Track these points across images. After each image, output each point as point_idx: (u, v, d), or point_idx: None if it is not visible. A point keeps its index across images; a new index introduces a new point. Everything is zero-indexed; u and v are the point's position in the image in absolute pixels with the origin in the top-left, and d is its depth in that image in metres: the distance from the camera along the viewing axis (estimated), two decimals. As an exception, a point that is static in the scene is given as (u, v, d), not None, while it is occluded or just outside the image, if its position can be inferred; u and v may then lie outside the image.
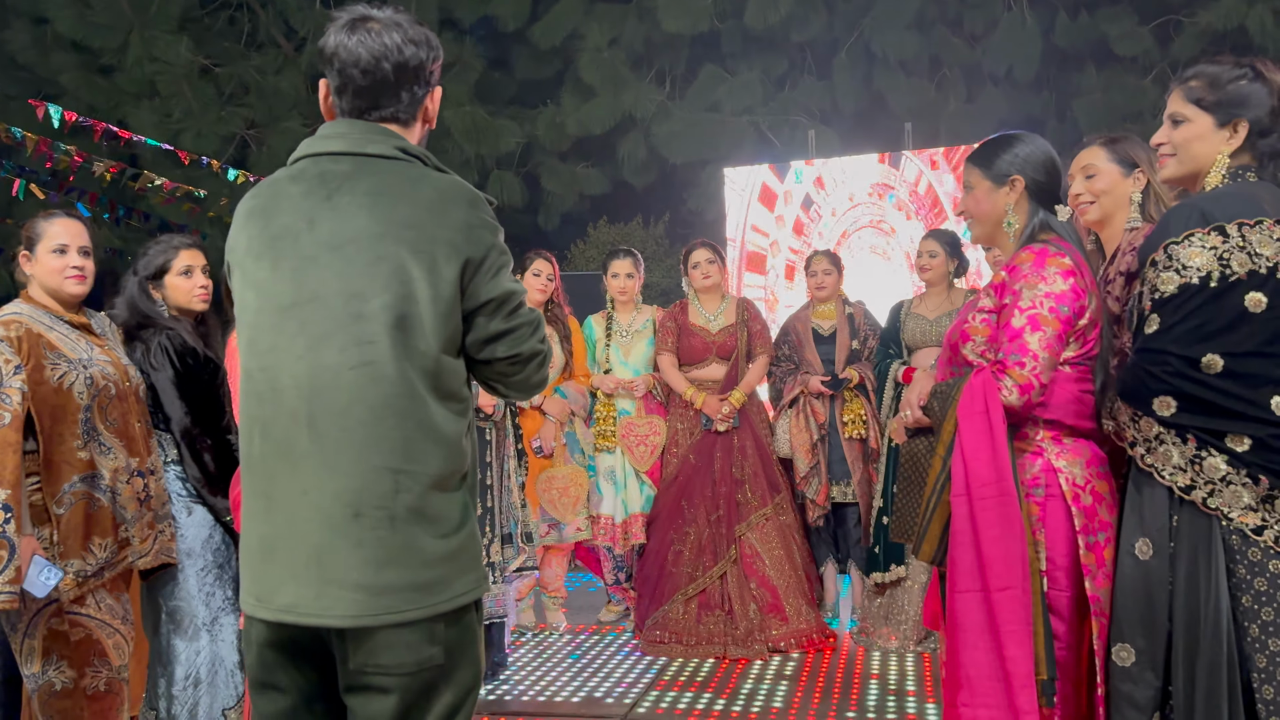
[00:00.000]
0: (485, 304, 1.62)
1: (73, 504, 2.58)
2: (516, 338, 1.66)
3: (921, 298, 4.36)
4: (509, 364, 1.67)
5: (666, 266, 8.83)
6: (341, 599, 1.54)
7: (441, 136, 8.60)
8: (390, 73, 1.65)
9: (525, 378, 1.71)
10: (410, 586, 1.55)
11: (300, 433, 1.56)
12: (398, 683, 1.57)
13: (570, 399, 4.55)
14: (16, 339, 2.56)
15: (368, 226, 1.58)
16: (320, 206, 1.61)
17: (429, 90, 1.73)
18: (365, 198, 1.60)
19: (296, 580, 1.56)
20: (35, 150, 5.40)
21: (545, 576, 4.69)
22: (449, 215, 1.60)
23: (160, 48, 7.88)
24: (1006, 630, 1.97)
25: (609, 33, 8.43)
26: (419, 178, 1.64)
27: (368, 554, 1.54)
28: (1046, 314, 2.04)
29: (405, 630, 1.55)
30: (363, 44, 1.63)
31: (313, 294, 1.58)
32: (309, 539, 1.55)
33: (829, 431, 4.44)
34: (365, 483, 1.54)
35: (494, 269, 1.63)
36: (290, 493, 1.57)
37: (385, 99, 1.67)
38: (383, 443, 1.55)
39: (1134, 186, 2.31)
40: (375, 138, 1.65)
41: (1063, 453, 2.10)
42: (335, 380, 1.55)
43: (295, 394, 1.57)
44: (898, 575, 4.20)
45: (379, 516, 1.54)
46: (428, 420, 1.57)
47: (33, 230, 2.70)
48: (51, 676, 2.57)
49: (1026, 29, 8.09)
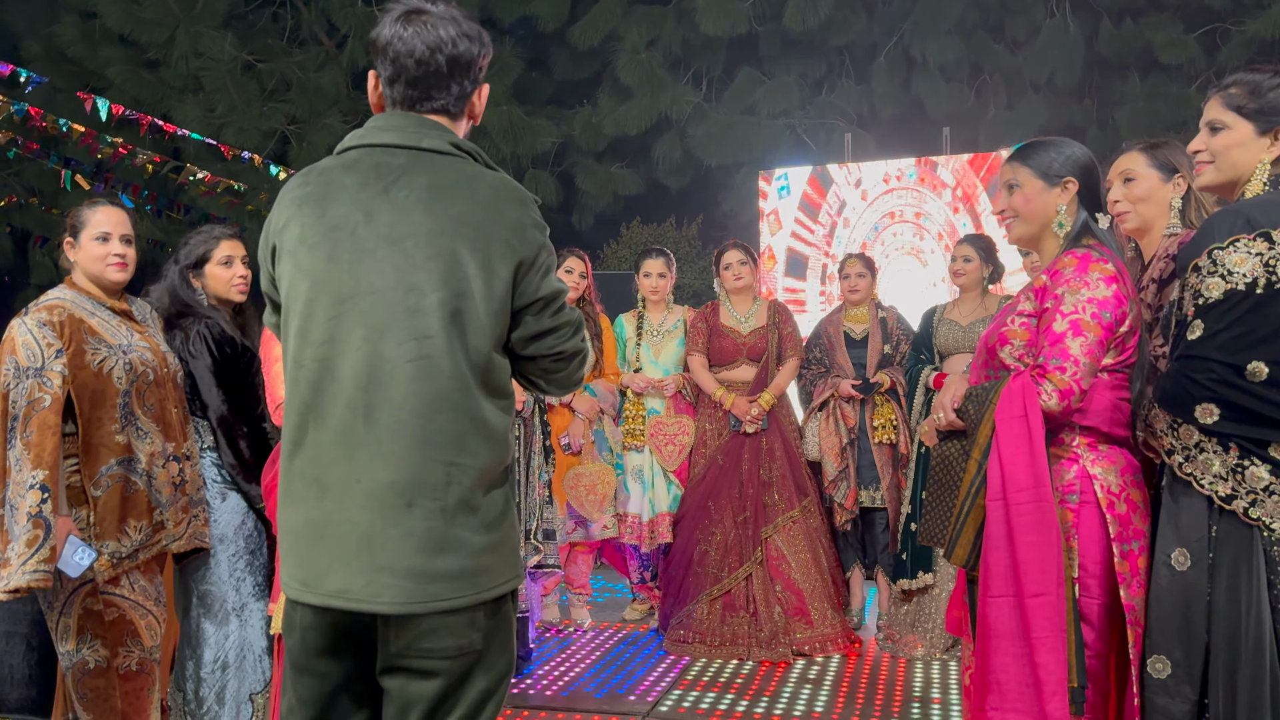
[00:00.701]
0: (534, 302, 1.66)
1: (109, 486, 2.62)
2: (561, 335, 1.70)
3: (955, 303, 4.32)
4: (553, 361, 1.71)
5: (699, 268, 8.82)
6: (391, 586, 1.56)
7: (478, 135, 8.64)
8: (444, 64, 1.67)
9: (568, 375, 1.75)
10: (458, 575, 1.58)
11: (357, 423, 1.58)
12: (437, 666, 1.60)
13: (600, 397, 4.56)
14: (59, 323, 2.61)
15: (425, 222, 1.60)
16: (378, 199, 1.62)
17: (477, 86, 1.75)
18: (423, 193, 1.62)
19: (347, 566, 1.58)
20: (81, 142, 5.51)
21: (571, 573, 4.70)
22: (504, 214, 1.63)
23: (205, 43, 7.99)
24: (1039, 636, 1.95)
25: (647, 34, 8.44)
26: (475, 175, 1.66)
27: (419, 543, 1.57)
28: (1089, 319, 2.02)
29: (450, 617, 1.59)
30: (418, 35, 1.65)
31: (371, 286, 1.60)
32: (361, 526, 1.58)
33: (859, 435, 4.41)
34: (419, 474, 1.57)
35: (544, 268, 1.67)
36: (344, 480, 1.59)
37: (437, 90, 1.68)
38: (437, 435, 1.57)
39: (1174, 192, 2.29)
40: (429, 132, 1.67)
41: (1098, 459, 2.07)
42: (392, 373, 1.58)
43: (353, 385, 1.59)
44: (925, 583, 4.16)
45: (431, 507, 1.57)
46: (478, 415, 1.60)
47: (77, 218, 2.76)
48: (85, 655, 2.61)
49: (1069, 36, 7.99)
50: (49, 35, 8.42)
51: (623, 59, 8.37)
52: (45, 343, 2.56)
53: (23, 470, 2.47)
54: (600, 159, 9.12)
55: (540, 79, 9.36)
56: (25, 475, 2.47)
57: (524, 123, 8.52)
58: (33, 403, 2.51)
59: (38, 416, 2.50)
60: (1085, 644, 2.02)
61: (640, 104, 8.36)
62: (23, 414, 2.50)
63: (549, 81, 9.42)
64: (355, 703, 1.69)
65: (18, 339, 2.57)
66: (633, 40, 8.35)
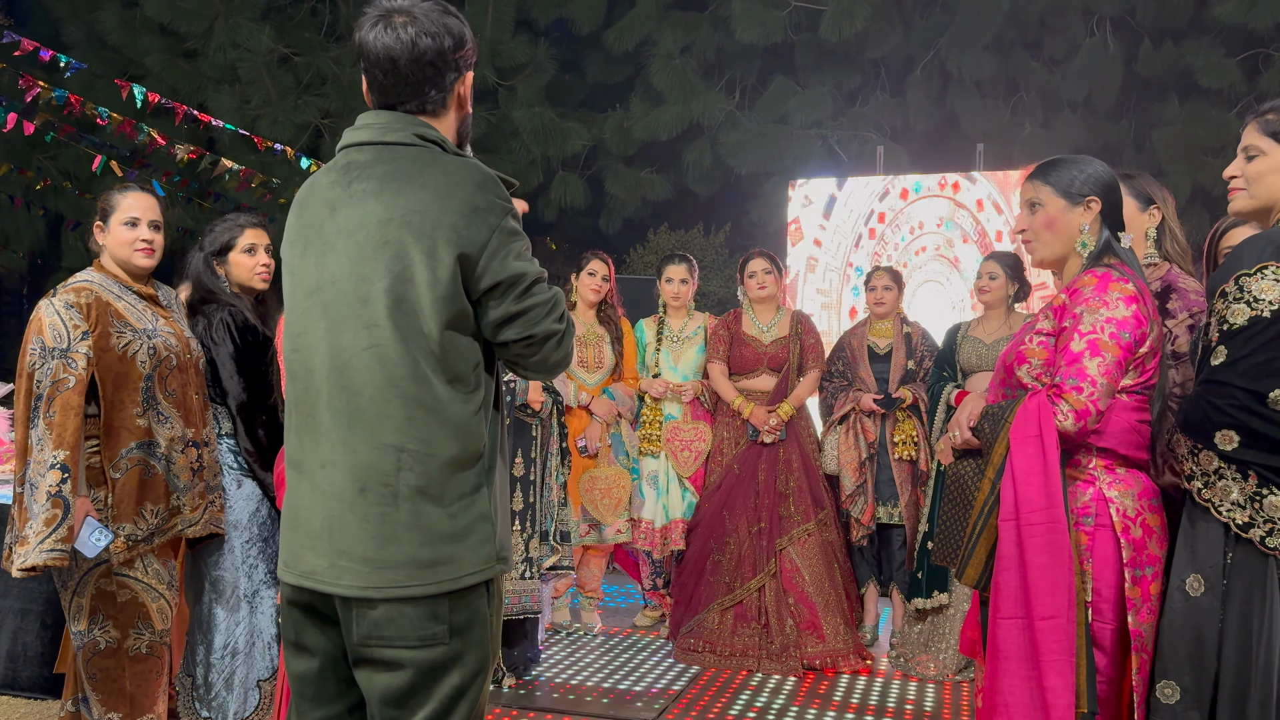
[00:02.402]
0: (493, 287, 1.64)
1: (128, 469, 2.65)
2: (529, 319, 1.67)
3: (979, 321, 4.28)
4: (524, 345, 1.69)
5: (725, 276, 8.81)
6: (349, 570, 1.61)
7: (510, 136, 8.69)
8: (407, 67, 1.68)
9: (542, 359, 1.71)
10: (413, 562, 1.60)
11: (323, 411, 1.65)
12: (400, 656, 1.61)
13: (618, 401, 4.56)
14: (86, 306, 2.64)
15: (376, 211, 1.64)
16: (341, 195, 1.68)
17: (458, 76, 1.75)
18: (376, 184, 1.65)
19: (314, 549, 1.65)
20: (118, 129, 5.58)
21: (583, 577, 4.70)
22: (453, 199, 1.63)
23: (243, 35, 8.08)
24: (1048, 660, 1.92)
25: (682, 40, 8.44)
26: (430, 162, 1.67)
27: (373, 528, 1.60)
28: (1107, 339, 1.99)
29: (408, 606, 1.60)
30: (380, 39, 1.67)
31: (331, 279, 1.66)
32: (325, 511, 1.64)
33: (878, 451, 4.36)
34: (372, 460, 1.61)
35: (499, 251, 1.64)
36: (313, 467, 1.66)
37: (407, 92, 1.71)
38: (388, 421, 1.61)
39: (1149, 222, 2.32)
40: (395, 125, 1.70)
41: (1115, 482, 2.05)
42: (350, 361, 1.63)
43: (320, 374, 1.66)
44: (940, 602, 4.12)
45: (383, 493, 1.60)
46: (431, 402, 1.61)
47: (107, 202, 2.79)
48: (97, 635, 2.64)
49: (1108, 56, 7.91)
50: (90, 22, 8.55)
51: (656, 64, 8.38)
52: (72, 324, 2.59)
53: (44, 449, 2.50)
54: (630, 163, 9.13)
55: (574, 81, 9.39)
56: (47, 454, 2.49)
57: (555, 125, 8.54)
58: (57, 383, 2.53)
59: (61, 397, 2.53)
60: (1097, 670, 1.99)
61: (672, 109, 8.36)
62: (47, 394, 2.53)
63: (582, 84, 9.45)
64: (343, 684, 1.72)
65: (45, 319, 2.60)
66: (667, 45, 8.36)
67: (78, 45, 8.47)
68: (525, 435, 3.91)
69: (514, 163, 8.82)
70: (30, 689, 3.66)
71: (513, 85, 8.70)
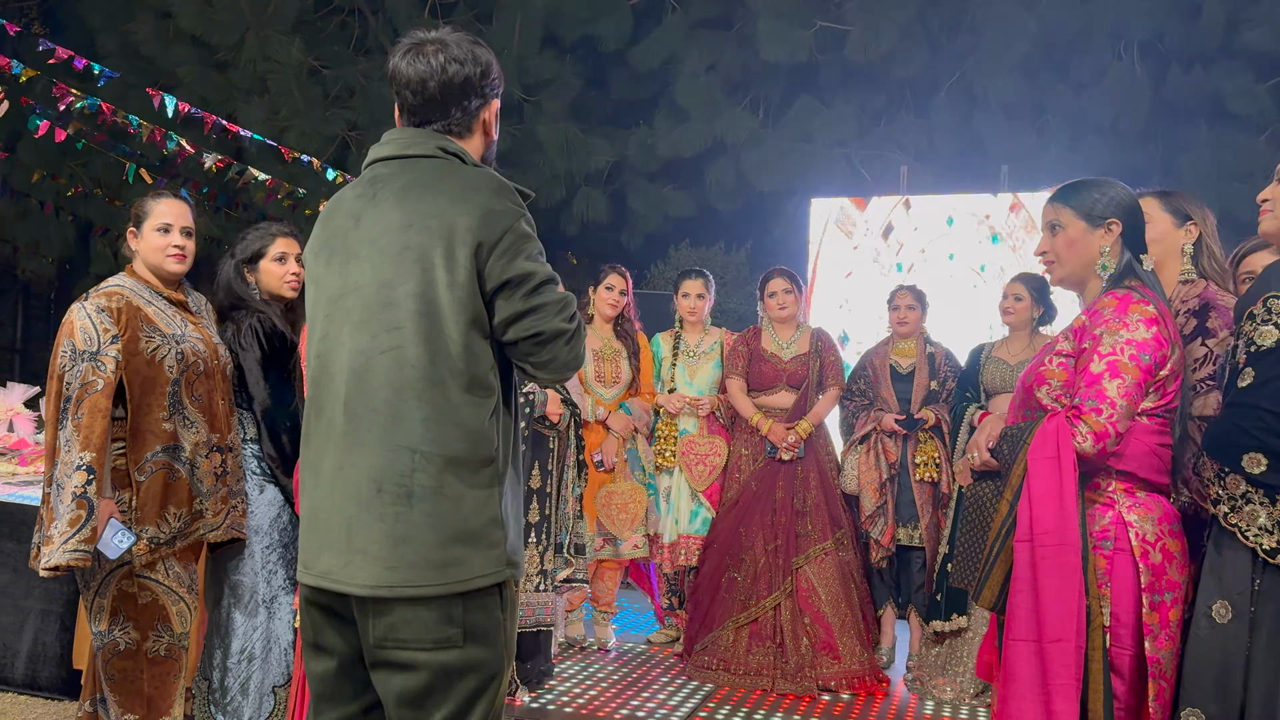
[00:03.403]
0: (503, 285, 1.68)
1: (153, 472, 2.68)
2: (538, 317, 1.70)
3: (1004, 342, 4.26)
4: (531, 344, 1.71)
5: (745, 293, 8.80)
6: (364, 569, 1.65)
7: (534, 151, 8.74)
8: (436, 91, 1.77)
9: (551, 358, 1.74)
10: (425, 563, 1.63)
11: (342, 413, 1.70)
12: (416, 658, 1.64)
13: (635, 415, 4.56)
14: (117, 310, 2.67)
15: (398, 219, 1.70)
16: (366, 206, 1.75)
17: (484, 103, 1.83)
18: (397, 193, 1.72)
19: (331, 549, 1.69)
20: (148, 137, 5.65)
21: (597, 591, 4.69)
22: (468, 202, 1.68)
23: (273, 47, 8.17)
24: (1056, 684, 1.91)
25: (707, 58, 8.48)
26: (449, 172, 1.73)
27: (387, 528, 1.64)
28: (1127, 361, 1.98)
29: (421, 607, 1.64)
30: (412, 66, 1.77)
31: (354, 285, 1.72)
32: (343, 511, 1.68)
33: (899, 472, 4.33)
34: (387, 460, 1.65)
35: (510, 251, 1.68)
36: (331, 468, 1.71)
37: (435, 115, 1.80)
38: (403, 423, 1.65)
39: (1186, 238, 2.30)
40: (420, 140, 1.78)
41: (1135, 506, 2.03)
42: (368, 364, 1.68)
43: (340, 378, 1.71)
44: (958, 625, 4.08)
45: (397, 493, 1.64)
46: (448, 404, 1.65)
47: (141, 209, 2.84)
48: (116, 636, 2.66)
49: (1136, 80, 7.88)
50: (124, 33, 8.68)
51: (681, 81, 8.42)
52: (102, 328, 2.63)
53: (71, 451, 2.53)
54: (653, 179, 9.16)
55: (598, 98, 9.44)
56: (74, 456, 2.53)
57: (579, 140, 8.60)
58: (86, 385, 2.57)
59: (90, 399, 2.56)
60: (1115, 696, 1.97)
61: (696, 127, 8.39)
62: (75, 396, 2.56)
63: (607, 101, 9.50)
64: (360, 685, 1.75)
65: (76, 323, 2.64)
66: (692, 63, 8.40)
67: (111, 55, 8.59)
68: (543, 448, 3.91)
69: (537, 177, 8.87)
70: (49, 689, 3.69)
71: (538, 101, 8.76)
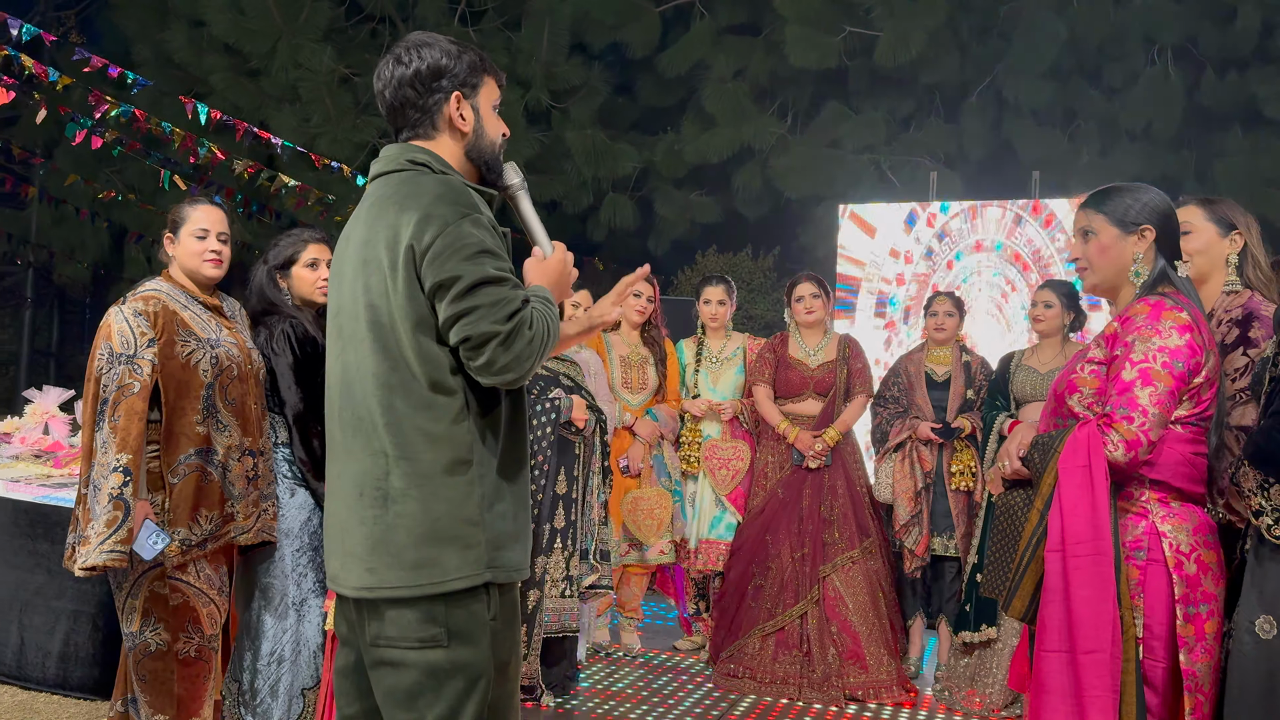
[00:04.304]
0: (435, 289, 1.69)
1: (186, 475, 2.71)
2: (468, 320, 1.67)
3: (1034, 349, 4.22)
4: (466, 348, 1.69)
5: (772, 300, 8.78)
6: (353, 572, 1.73)
7: (561, 158, 8.77)
8: (391, 98, 1.83)
9: (488, 362, 1.67)
10: (399, 564, 1.69)
11: (335, 424, 1.81)
12: (404, 657, 1.69)
13: (661, 421, 4.56)
14: (153, 314, 2.71)
15: (361, 234, 1.77)
16: (354, 225, 1.83)
17: (444, 97, 1.81)
18: (368, 209, 1.79)
19: (333, 553, 1.80)
20: (182, 145, 5.73)
21: (623, 596, 4.69)
22: (411, 209, 1.71)
23: (305, 55, 8.26)
24: (1090, 695, 1.89)
25: (735, 64, 8.48)
26: (407, 181, 1.77)
27: (367, 531, 1.71)
28: (1159, 369, 1.96)
29: (405, 607, 1.69)
30: (377, 79, 1.84)
31: (341, 303, 1.81)
32: (337, 516, 1.79)
33: (934, 481, 4.29)
34: (366, 466, 1.72)
35: (441, 254, 1.67)
36: (333, 475, 1.81)
37: (399, 118, 1.85)
38: (377, 430, 1.71)
39: (1230, 248, 2.27)
40: (394, 155, 1.83)
41: (1169, 516, 2.00)
42: (347, 375, 1.77)
43: (335, 390, 1.81)
44: (988, 636, 4.03)
45: (375, 496, 1.71)
46: (409, 409, 1.70)
47: (178, 214, 2.88)
48: (148, 637, 2.69)
49: (1169, 85, 7.79)
50: (159, 41, 8.81)
51: (708, 87, 8.42)
52: (139, 331, 2.67)
53: (108, 452, 2.57)
54: (680, 185, 9.17)
55: (626, 104, 9.47)
56: (110, 457, 2.56)
57: (606, 147, 8.62)
58: (123, 388, 2.60)
59: (126, 402, 2.59)
60: (1148, 709, 1.94)
61: (723, 133, 8.39)
62: (112, 398, 2.60)
63: (634, 107, 9.52)
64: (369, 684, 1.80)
65: (114, 326, 2.68)
66: (720, 69, 8.40)
67: (146, 63, 8.72)
68: (569, 453, 3.92)
69: (565, 184, 8.90)
70: (81, 689, 3.73)
71: (566, 108, 8.80)
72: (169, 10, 8.77)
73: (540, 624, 3.75)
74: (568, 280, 1.89)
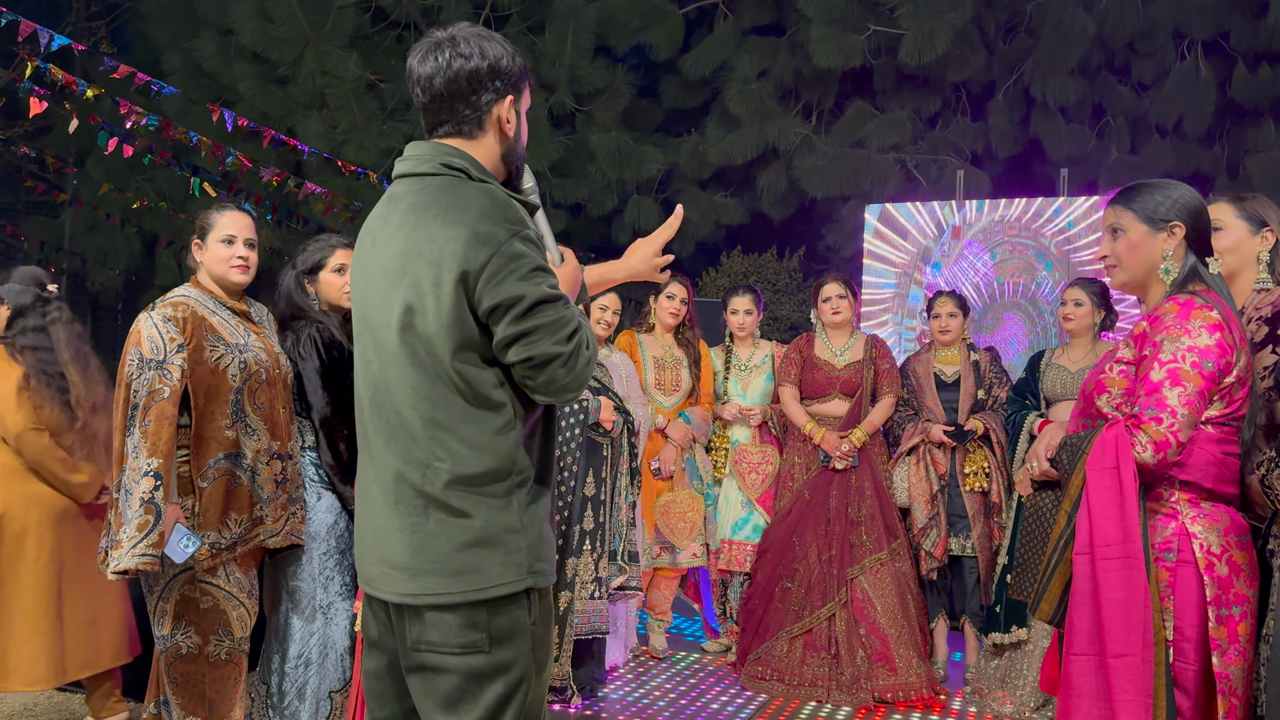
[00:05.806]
0: (493, 310, 1.66)
1: (215, 479, 2.73)
2: (529, 341, 1.66)
3: (1064, 348, 4.17)
4: (526, 367, 1.68)
5: (798, 300, 8.74)
6: (393, 577, 1.72)
7: (586, 160, 8.79)
8: (443, 88, 1.75)
9: (548, 381, 1.68)
10: (442, 570, 1.68)
11: (367, 429, 1.79)
12: (446, 662, 1.69)
13: (694, 425, 4.55)
14: (182, 320, 2.74)
15: (399, 244, 1.71)
16: (380, 228, 1.78)
17: (496, 98, 1.78)
18: (402, 216, 1.73)
19: (369, 558, 1.79)
20: (210, 152, 5.80)
21: (653, 599, 4.68)
22: (457, 225, 1.66)
23: (332, 62, 8.34)
24: (1121, 699, 1.86)
25: (759, 65, 8.46)
26: (448, 191, 1.71)
27: (407, 538, 1.70)
28: (1188, 369, 1.93)
29: (447, 613, 1.69)
30: (423, 64, 1.76)
31: (371, 308, 1.77)
32: (373, 522, 1.77)
33: (949, 482, 4.26)
34: (403, 474, 1.71)
35: (497, 275, 1.64)
36: (367, 481, 1.80)
37: (443, 114, 1.78)
38: (414, 439, 1.70)
39: (1262, 245, 2.23)
40: (429, 155, 1.76)
41: (1199, 517, 1.97)
42: (380, 383, 1.75)
43: (365, 396, 1.79)
44: (1018, 637, 3.99)
45: (413, 505, 1.70)
46: (450, 421, 1.68)
47: (206, 221, 2.91)
48: (179, 640, 2.72)
49: (1200, 80, 7.69)
50: (188, 50, 8.92)
51: (732, 89, 8.41)
52: (169, 337, 2.70)
53: (139, 457, 2.60)
54: (704, 187, 9.16)
55: (650, 107, 9.47)
56: (141, 462, 2.59)
57: (631, 149, 8.62)
58: (153, 393, 2.63)
59: (156, 407, 2.62)
60: (1179, 712, 1.91)
61: (748, 134, 8.37)
62: (143, 404, 2.63)
63: (658, 109, 9.53)
64: (404, 687, 1.81)
65: (144, 332, 2.71)
66: (744, 70, 8.39)
67: (176, 72, 8.83)
68: (597, 454, 3.93)
69: (589, 186, 8.92)
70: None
71: (590, 110, 8.81)
72: (198, 19, 8.88)
73: (571, 626, 3.76)
74: (579, 288, 1.91)
